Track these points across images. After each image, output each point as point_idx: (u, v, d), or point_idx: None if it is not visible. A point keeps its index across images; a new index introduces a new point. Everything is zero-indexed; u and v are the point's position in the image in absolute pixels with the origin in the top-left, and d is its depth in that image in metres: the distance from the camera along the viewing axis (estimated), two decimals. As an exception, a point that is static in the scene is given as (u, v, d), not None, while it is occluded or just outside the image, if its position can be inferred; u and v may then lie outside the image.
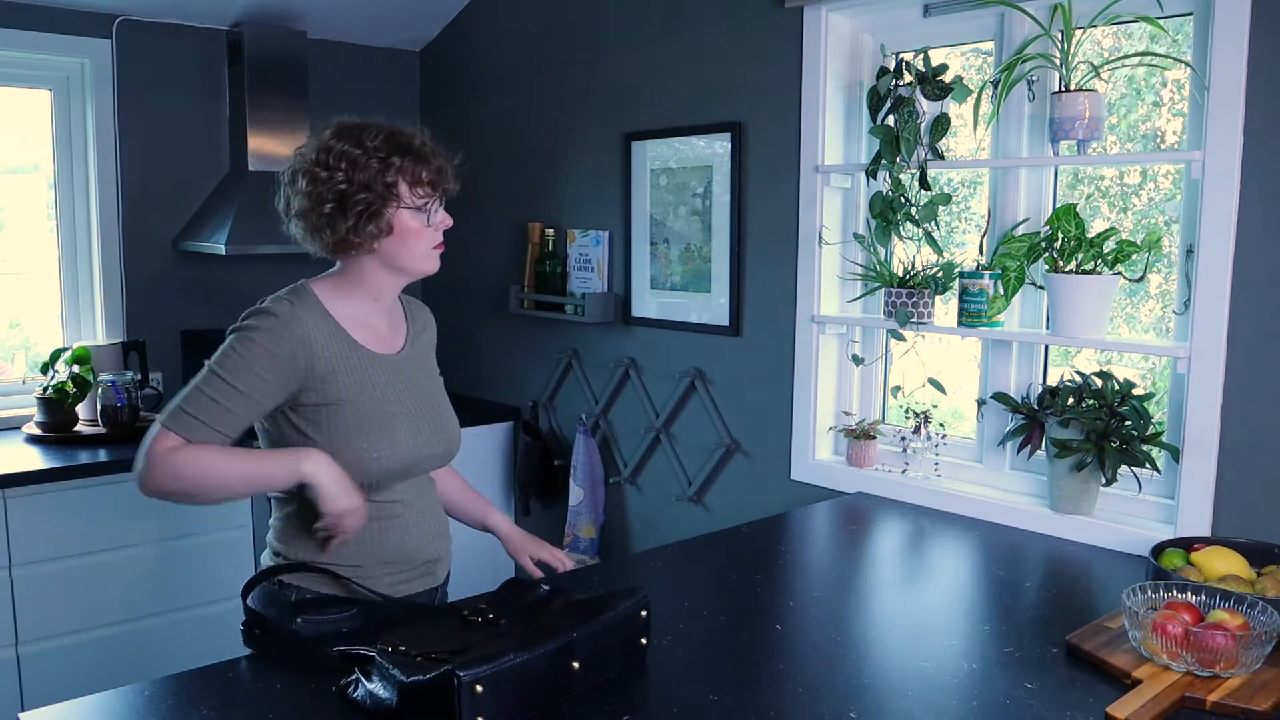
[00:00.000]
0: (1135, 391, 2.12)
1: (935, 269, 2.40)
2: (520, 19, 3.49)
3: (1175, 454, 2.04)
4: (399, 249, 1.65)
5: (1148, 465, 2.09)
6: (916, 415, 2.49)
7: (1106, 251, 2.11)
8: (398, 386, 1.70)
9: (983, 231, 2.40)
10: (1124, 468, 2.11)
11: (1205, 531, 1.99)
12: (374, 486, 1.66)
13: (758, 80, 2.73)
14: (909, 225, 2.41)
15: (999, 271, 2.28)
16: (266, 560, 1.75)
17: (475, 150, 3.72)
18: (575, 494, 3.26)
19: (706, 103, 2.87)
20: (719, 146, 2.84)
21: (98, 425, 3.07)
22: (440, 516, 1.83)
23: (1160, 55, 2.09)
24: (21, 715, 1.33)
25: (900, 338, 2.51)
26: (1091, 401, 2.14)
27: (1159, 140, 2.23)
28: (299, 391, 1.61)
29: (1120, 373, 2.19)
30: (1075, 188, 2.35)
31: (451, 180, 1.70)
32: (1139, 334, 2.29)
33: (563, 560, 1.97)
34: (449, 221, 1.71)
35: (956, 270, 2.37)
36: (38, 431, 3.02)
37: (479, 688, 1.23)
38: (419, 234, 1.66)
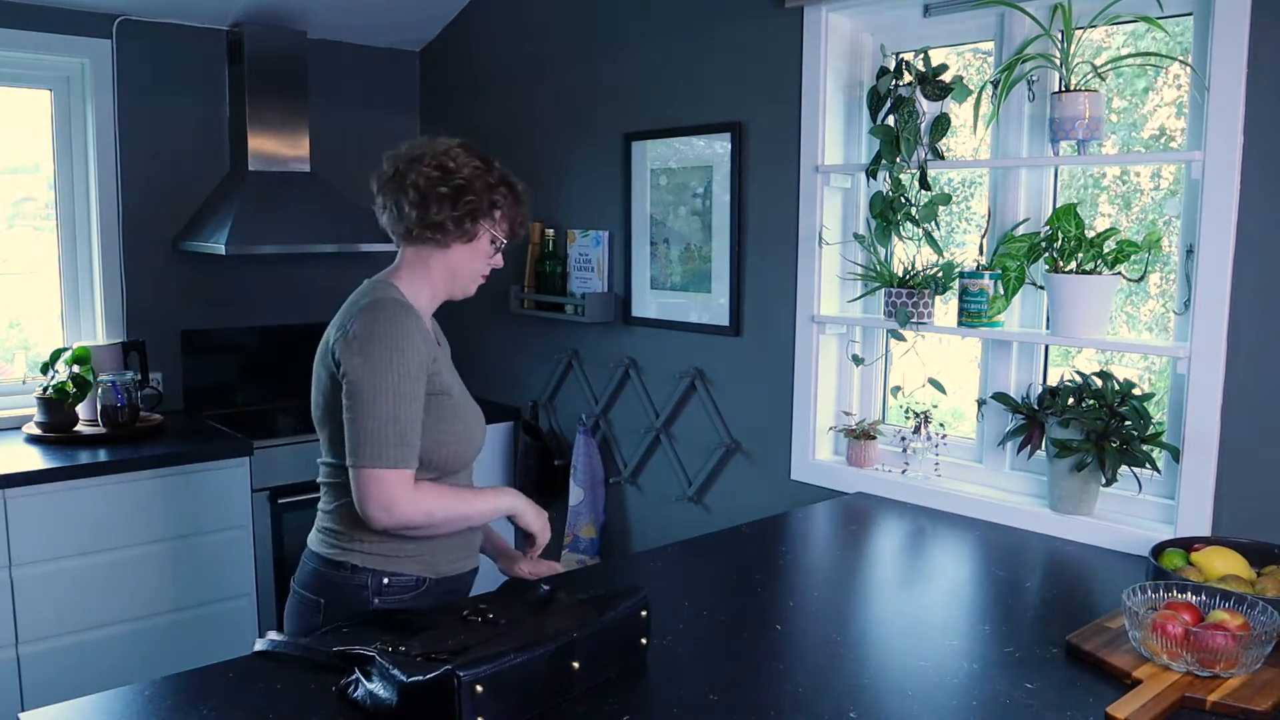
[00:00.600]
0: (1135, 391, 2.12)
1: (935, 269, 2.40)
2: (520, 19, 3.49)
3: (1175, 454, 2.04)
4: (464, 260, 1.80)
5: (1148, 465, 2.09)
6: (916, 415, 2.49)
7: (1106, 251, 2.11)
8: (458, 375, 1.87)
9: (983, 231, 2.40)
10: (1124, 468, 2.11)
11: (1205, 531, 1.99)
12: (456, 470, 1.79)
13: (758, 80, 2.73)
14: (909, 225, 2.42)
15: (999, 271, 2.28)
16: (316, 543, 1.80)
17: (475, 150, 3.73)
18: (575, 494, 3.26)
19: (706, 103, 2.87)
20: (719, 146, 2.84)
21: (98, 425, 3.07)
22: None
23: (1160, 55, 2.09)
24: (21, 715, 1.33)
25: (900, 338, 2.51)
26: (1091, 401, 2.14)
27: (1166, 137, 2.23)
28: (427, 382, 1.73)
29: (1120, 373, 2.19)
30: (1080, 190, 2.35)
31: (522, 231, 1.88)
32: (1139, 334, 2.29)
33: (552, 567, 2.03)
34: (501, 264, 1.89)
35: (956, 270, 2.37)
36: (38, 431, 3.02)
37: (479, 688, 1.23)
38: (483, 256, 1.82)
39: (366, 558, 1.74)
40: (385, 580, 1.73)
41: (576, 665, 1.36)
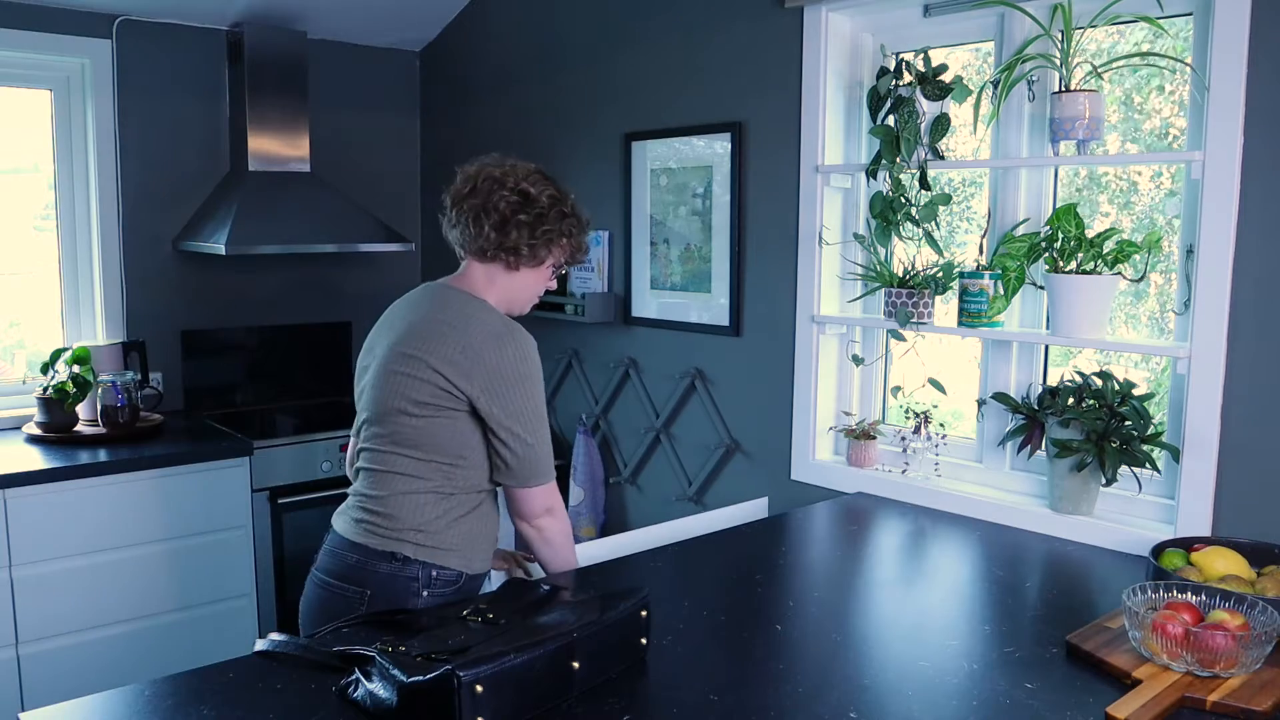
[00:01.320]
0: (1135, 391, 2.12)
1: (935, 269, 2.40)
2: (520, 19, 3.49)
3: (1175, 454, 2.04)
4: (527, 281, 1.90)
5: (1148, 465, 2.09)
6: (916, 415, 2.49)
7: (1106, 252, 2.11)
8: None
9: (983, 231, 2.40)
10: (1124, 468, 2.11)
11: (1205, 531, 1.99)
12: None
13: (758, 80, 2.73)
14: (909, 225, 2.42)
15: (999, 271, 2.28)
16: (357, 534, 1.81)
17: (475, 150, 3.72)
18: (575, 494, 3.26)
19: (706, 103, 2.87)
20: (719, 146, 2.84)
21: (98, 425, 3.07)
22: None
23: (1160, 55, 2.09)
24: (21, 715, 1.33)
25: (900, 338, 2.51)
26: (1091, 401, 2.14)
27: (1169, 136, 2.23)
28: None
29: (1120, 373, 2.19)
30: (1081, 189, 2.35)
31: (581, 259, 1.99)
32: (1139, 334, 2.29)
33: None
34: (555, 286, 1.99)
35: (956, 270, 2.37)
36: (38, 431, 3.02)
37: (479, 688, 1.23)
38: (544, 280, 1.93)
39: (419, 549, 1.76)
40: (434, 573, 1.77)
41: (576, 665, 1.36)
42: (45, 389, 3.03)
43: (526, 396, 1.77)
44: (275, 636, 1.53)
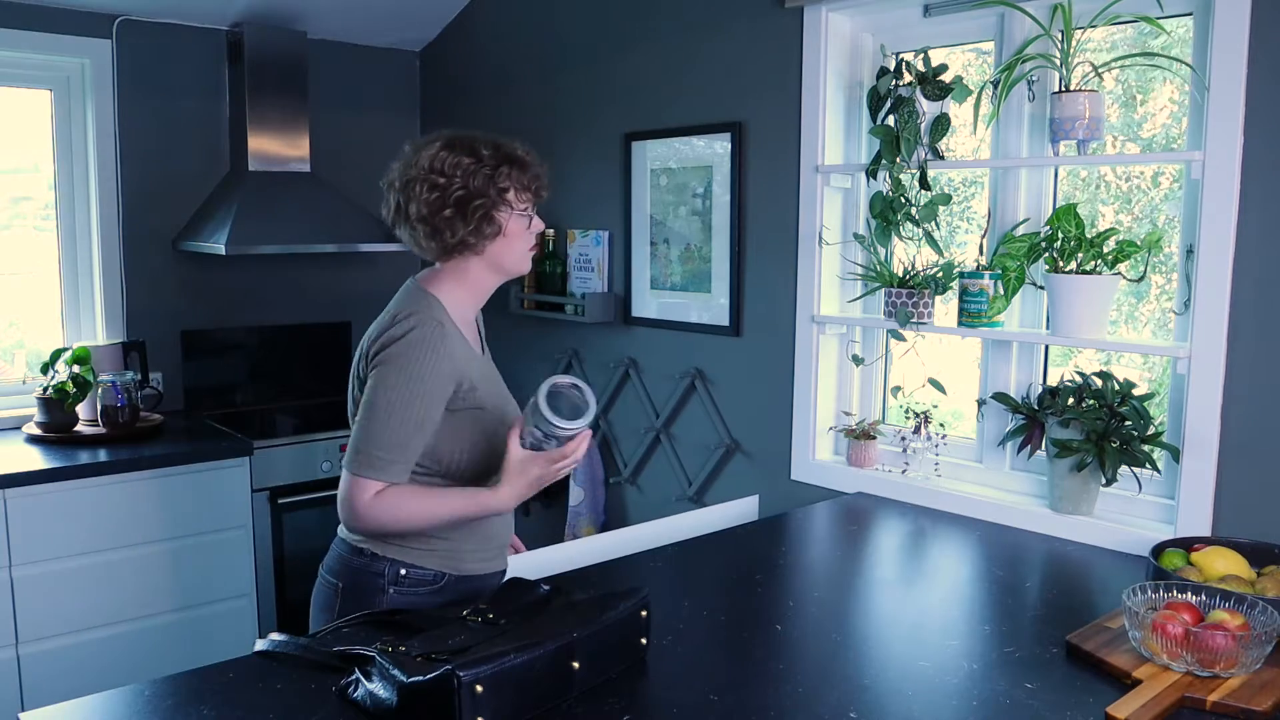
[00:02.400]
0: (1135, 391, 2.12)
1: (935, 269, 2.40)
2: (520, 19, 3.49)
3: (1175, 454, 2.04)
4: (504, 250, 1.77)
5: (1148, 465, 2.09)
6: (916, 415, 2.49)
7: (1107, 252, 2.11)
8: (498, 382, 1.85)
9: (983, 231, 2.40)
10: (1124, 468, 2.11)
11: (1205, 531, 1.99)
12: (493, 474, 1.74)
13: (758, 80, 2.73)
14: (909, 225, 2.42)
15: (999, 271, 2.28)
16: (343, 529, 1.79)
17: (475, 150, 3.73)
18: (575, 494, 3.26)
19: (706, 103, 2.87)
20: (719, 146, 2.84)
21: (98, 425, 3.07)
22: None
23: (1160, 55, 2.09)
24: (21, 715, 1.33)
25: (900, 338, 2.51)
26: (1092, 401, 2.14)
27: (1169, 137, 2.23)
28: (450, 402, 1.71)
29: (1120, 373, 2.19)
30: (1084, 188, 2.35)
31: (546, 188, 1.84)
32: (1139, 334, 2.29)
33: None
34: (542, 225, 1.84)
35: (956, 270, 2.37)
36: (38, 431, 3.02)
37: (479, 688, 1.23)
38: (521, 236, 1.79)
39: (386, 546, 1.74)
40: (403, 571, 1.74)
41: (577, 665, 1.36)
42: (45, 389, 3.03)
43: (383, 380, 1.64)
44: (275, 636, 1.53)
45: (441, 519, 1.70)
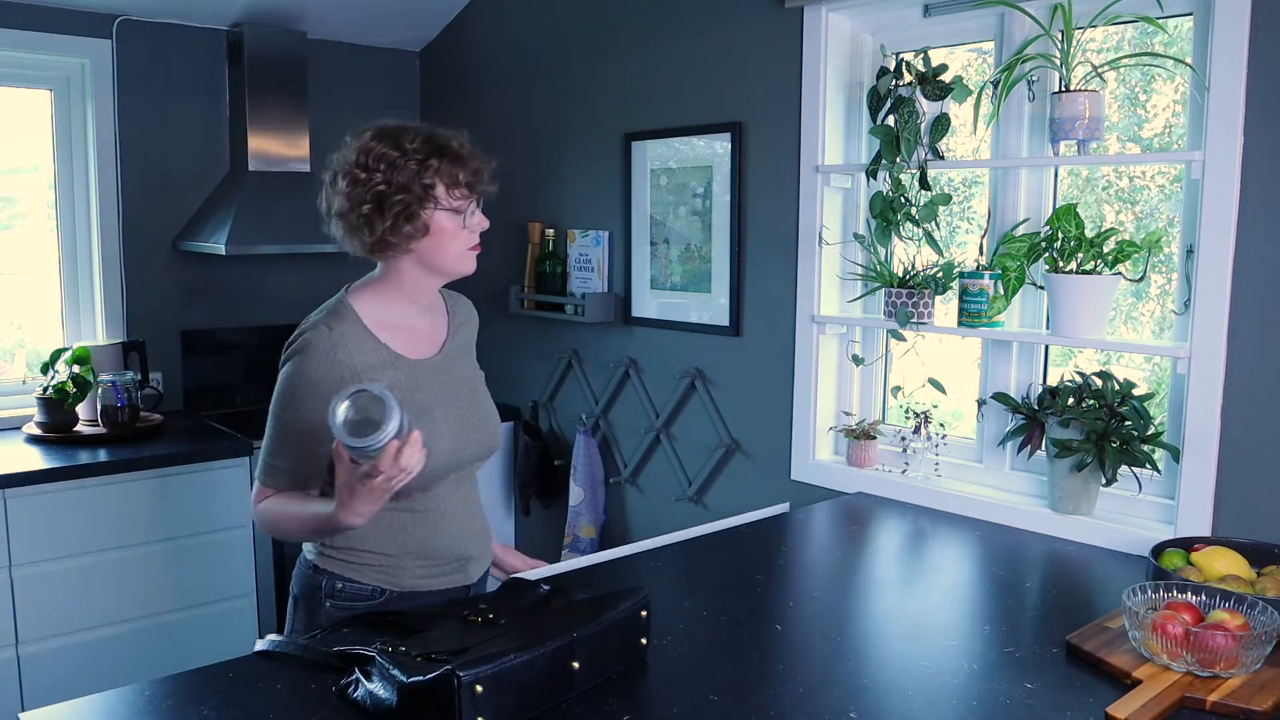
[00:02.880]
0: (1135, 391, 2.12)
1: (935, 269, 2.40)
2: (520, 19, 3.49)
3: (1175, 454, 2.04)
4: (435, 250, 1.67)
5: (1148, 465, 2.09)
6: (916, 415, 2.49)
7: (1107, 252, 2.11)
8: (438, 388, 1.73)
9: (983, 231, 2.40)
10: (1124, 468, 2.11)
11: (1205, 531, 1.99)
12: (426, 485, 1.69)
13: (758, 80, 2.73)
14: (909, 225, 2.42)
15: (999, 271, 2.28)
16: (308, 550, 1.78)
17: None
18: (575, 494, 3.26)
19: (706, 103, 2.87)
20: (719, 146, 2.84)
21: (98, 425, 3.07)
22: (480, 516, 1.86)
23: (1160, 55, 2.09)
24: (21, 715, 1.33)
25: (900, 338, 2.51)
26: (1092, 401, 2.14)
27: (1168, 134, 2.23)
28: None
29: (1120, 373, 2.19)
30: (1087, 187, 2.35)
31: (488, 183, 1.71)
32: (1139, 334, 2.29)
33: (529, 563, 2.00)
34: (485, 223, 1.72)
35: (956, 270, 2.37)
36: (38, 431, 3.02)
37: (479, 688, 1.23)
38: (455, 235, 1.67)
39: (326, 560, 1.73)
40: (339, 585, 1.71)
41: (576, 665, 1.36)
42: (45, 389, 3.03)
43: (276, 389, 1.66)
44: (274, 637, 1.53)
45: (306, 530, 1.65)
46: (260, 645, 1.51)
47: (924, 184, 2.38)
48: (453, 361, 1.79)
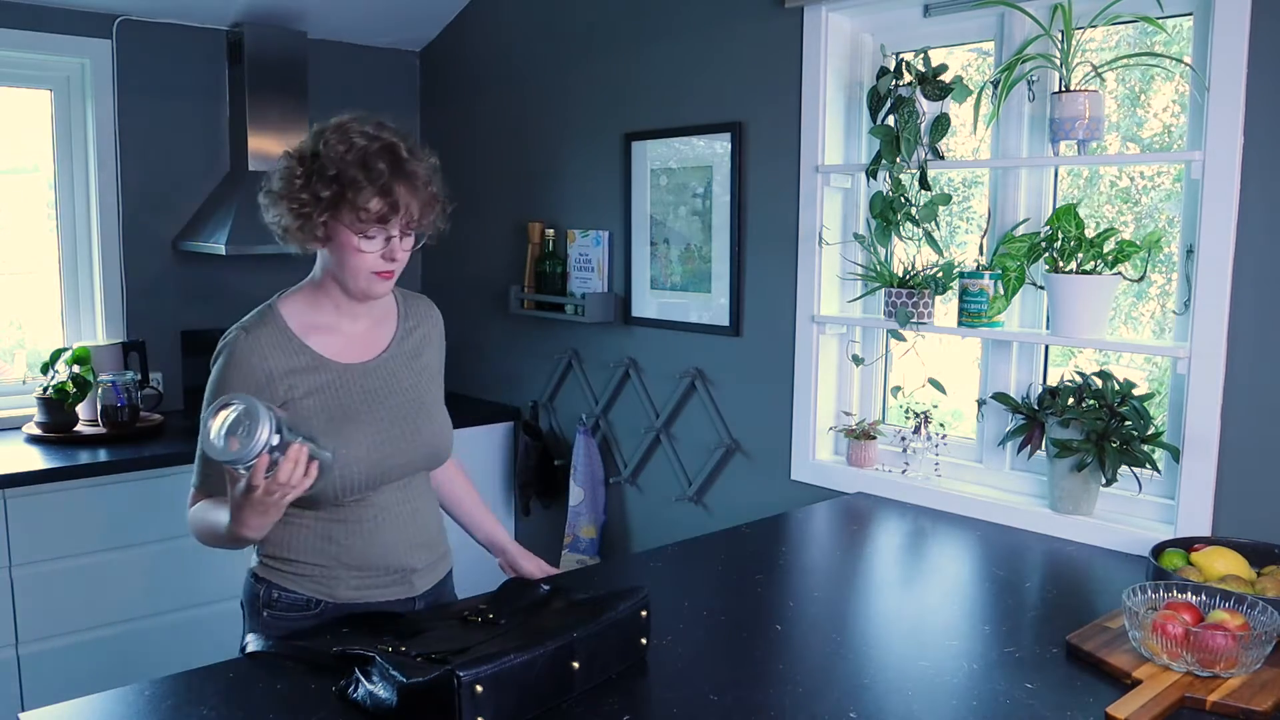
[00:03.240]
0: (1135, 391, 2.12)
1: (935, 269, 2.40)
2: (520, 19, 3.49)
3: (1175, 454, 2.04)
4: (336, 261, 1.62)
5: (1148, 465, 2.09)
6: (916, 415, 2.49)
7: (1106, 252, 2.11)
8: (367, 394, 1.67)
9: (983, 231, 2.40)
10: (1124, 468, 2.11)
11: (1205, 531, 1.99)
12: (348, 494, 1.64)
13: (758, 80, 2.73)
14: (909, 225, 2.41)
15: (999, 271, 2.28)
16: (250, 558, 1.76)
17: (475, 150, 3.73)
18: (575, 494, 3.26)
19: (706, 103, 2.87)
20: (719, 146, 2.84)
21: (98, 425, 3.07)
22: (427, 527, 1.78)
23: (1160, 55, 2.09)
24: (21, 715, 1.33)
25: (900, 338, 2.51)
26: (1092, 402, 2.14)
27: (1169, 133, 2.23)
28: None
29: (1120, 373, 2.19)
30: (1087, 187, 2.35)
31: (422, 217, 1.62)
32: (1139, 334, 2.29)
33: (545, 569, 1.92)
34: (398, 256, 1.61)
35: (956, 270, 2.37)
36: (38, 431, 3.02)
37: (479, 688, 1.23)
38: (355, 254, 1.59)
39: (265, 569, 1.71)
40: (276, 594, 1.68)
41: (577, 665, 1.36)
42: (45, 389, 3.03)
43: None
44: (254, 636, 1.53)
45: (216, 539, 1.59)
46: (253, 646, 1.52)
47: (924, 184, 2.38)
48: (396, 367, 1.73)
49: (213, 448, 1.37)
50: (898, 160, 2.37)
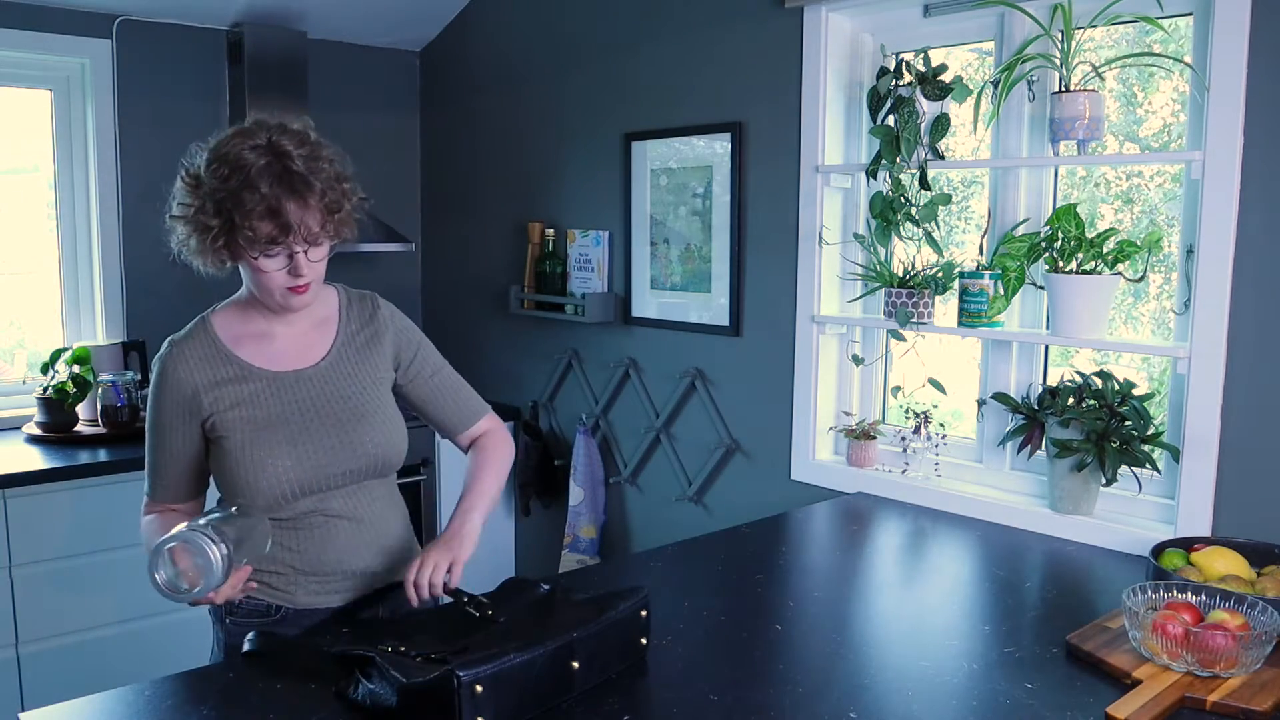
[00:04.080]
0: (1135, 391, 2.12)
1: (935, 269, 2.40)
2: (520, 19, 3.49)
3: (1175, 454, 2.04)
4: (249, 279, 1.63)
5: (1148, 465, 2.09)
6: (916, 415, 2.49)
7: (1106, 251, 2.11)
8: (300, 403, 1.65)
9: (983, 231, 2.40)
10: (1124, 468, 2.11)
11: (1205, 531, 1.99)
12: (285, 503, 1.62)
13: (758, 80, 2.73)
14: (909, 225, 2.41)
15: (999, 271, 2.28)
16: None
17: (475, 150, 3.73)
18: (575, 494, 3.26)
19: (706, 103, 2.87)
20: (719, 146, 2.84)
21: (98, 425, 3.07)
22: (388, 531, 1.74)
23: (1160, 55, 2.09)
24: (21, 715, 1.33)
25: (900, 338, 2.51)
26: (1092, 401, 2.14)
27: (1170, 135, 2.23)
28: (203, 426, 1.64)
29: (1120, 373, 2.19)
30: (1087, 187, 2.35)
31: (323, 228, 1.57)
32: (1139, 334, 2.29)
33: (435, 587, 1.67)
34: (304, 271, 1.57)
35: (956, 270, 2.37)
36: (38, 431, 3.02)
37: (479, 688, 1.23)
38: (260, 274, 1.58)
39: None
40: (236, 601, 1.65)
41: (576, 665, 1.36)
42: (45, 389, 3.03)
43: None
44: (254, 636, 1.53)
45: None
46: (248, 646, 1.52)
47: (924, 184, 2.38)
48: (335, 374, 1.69)
49: (168, 595, 1.38)
50: (898, 160, 2.37)
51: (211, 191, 1.52)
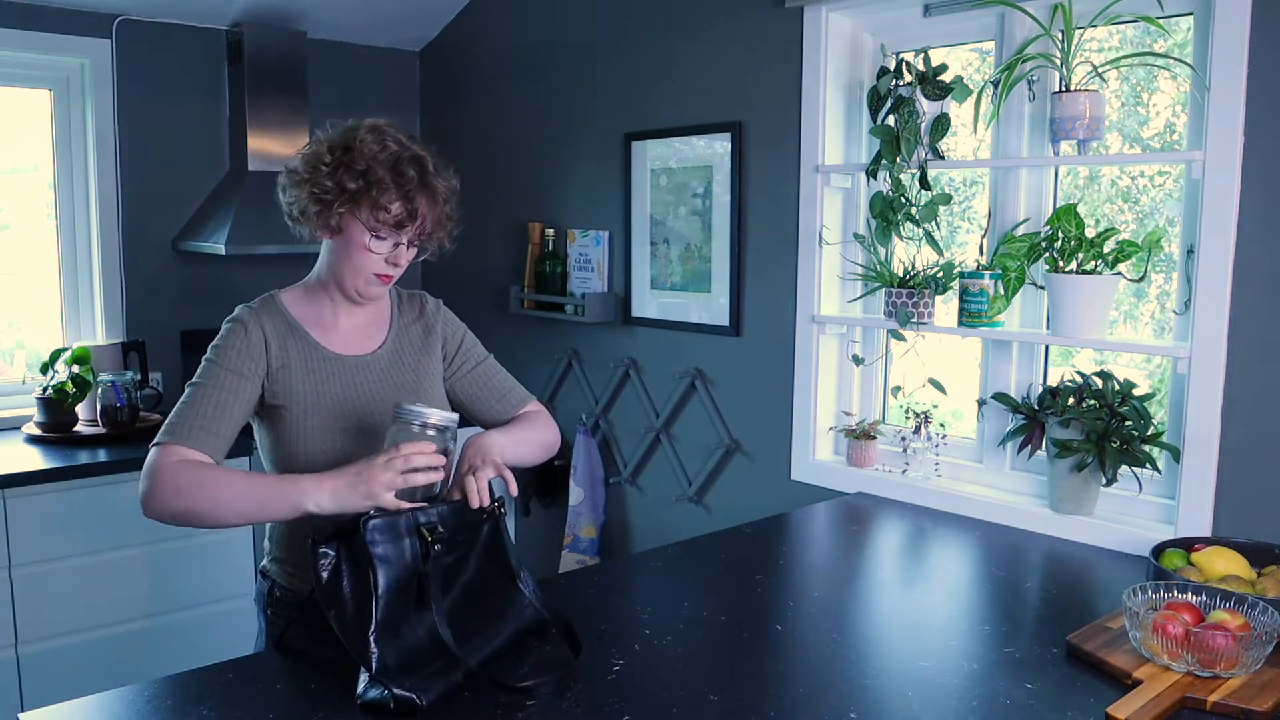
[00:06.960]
0: (1135, 391, 2.12)
1: (935, 269, 2.40)
2: (520, 19, 3.49)
3: (1176, 454, 2.04)
4: (343, 256, 1.65)
5: (1148, 465, 2.09)
6: (917, 415, 2.49)
7: (1107, 252, 2.11)
8: (357, 387, 1.69)
9: (983, 231, 2.40)
10: (1124, 468, 2.11)
11: (1205, 531, 1.99)
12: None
13: (758, 80, 2.73)
14: (909, 225, 2.41)
15: (999, 271, 2.28)
16: (265, 561, 1.78)
17: (475, 150, 3.73)
18: (575, 494, 3.26)
19: (706, 103, 2.87)
20: (719, 146, 2.84)
21: (98, 425, 3.07)
22: None
23: (1160, 55, 2.09)
24: (21, 715, 1.33)
25: (900, 338, 2.51)
26: (1092, 401, 2.14)
27: (1171, 135, 2.23)
28: (263, 389, 1.63)
29: (1120, 373, 2.19)
30: (1089, 185, 2.35)
31: (434, 231, 1.68)
32: (1139, 334, 2.29)
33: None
34: (401, 262, 1.67)
35: (957, 270, 2.37)
36: (38, 431, 3.02)
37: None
38: (363, 251, 1.63)
39: (270, 563, 1.74)
40: (277, 592, 1.69)
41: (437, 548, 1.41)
42: (45, 389, 3.03)
43: (200, 367, 1.64)
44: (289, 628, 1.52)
45: (248, 495, 1.51)
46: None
47: (924, 184, 2.38)
48: (392, 363, 1.74)
49: (442, 417, 1.51)
50: (898, 160, 2.37)
51: (356, 160, 1.58)
